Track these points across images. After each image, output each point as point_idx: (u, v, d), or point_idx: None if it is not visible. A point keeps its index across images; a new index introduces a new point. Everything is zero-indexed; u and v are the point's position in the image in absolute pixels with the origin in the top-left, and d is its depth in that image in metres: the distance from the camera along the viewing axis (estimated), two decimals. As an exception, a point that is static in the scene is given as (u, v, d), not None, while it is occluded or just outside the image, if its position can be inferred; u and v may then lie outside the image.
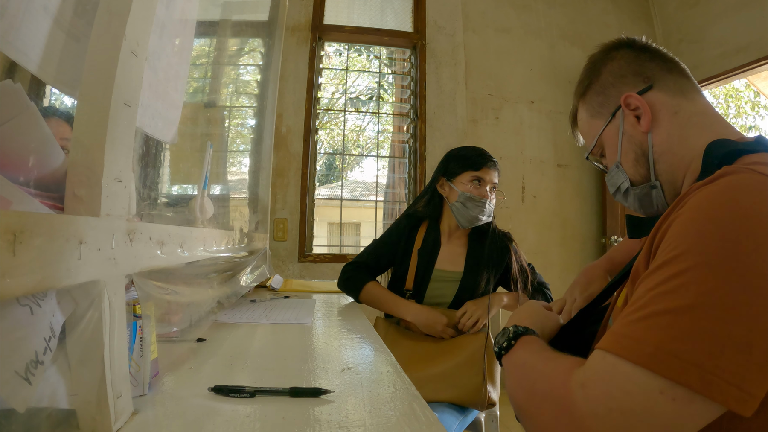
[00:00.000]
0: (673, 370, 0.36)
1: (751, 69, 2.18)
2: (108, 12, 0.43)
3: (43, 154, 0.44)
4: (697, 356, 0.36)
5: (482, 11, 2.60)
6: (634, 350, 0.39)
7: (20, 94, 0.41)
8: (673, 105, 0.58)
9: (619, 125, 0.61)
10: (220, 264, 0.96)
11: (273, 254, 2.19)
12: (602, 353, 0.41)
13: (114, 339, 0.42)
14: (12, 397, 0.31)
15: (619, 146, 0.61)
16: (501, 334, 0.60)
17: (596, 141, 0.65)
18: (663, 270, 0.42)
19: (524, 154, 2.57)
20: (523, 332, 0.58)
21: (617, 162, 0.63)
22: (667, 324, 0.38)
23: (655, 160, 0.59)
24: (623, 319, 0.42)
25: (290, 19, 2.28)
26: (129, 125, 0.45)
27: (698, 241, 0.40)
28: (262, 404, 0.52)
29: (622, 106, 0.60)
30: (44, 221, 0.33)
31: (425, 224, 1.38)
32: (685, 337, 0.37)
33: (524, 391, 0.49)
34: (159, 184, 0.82)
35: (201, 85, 1.23)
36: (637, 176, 0.61)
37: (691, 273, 0.39)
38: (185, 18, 0.80)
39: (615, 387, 0.39)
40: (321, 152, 2.54)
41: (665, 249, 0.43)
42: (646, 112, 0.58)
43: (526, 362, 0.53)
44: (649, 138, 0.58)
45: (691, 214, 0.43)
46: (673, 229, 0.44)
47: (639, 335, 0.39)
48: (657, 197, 0.60)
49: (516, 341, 0.57)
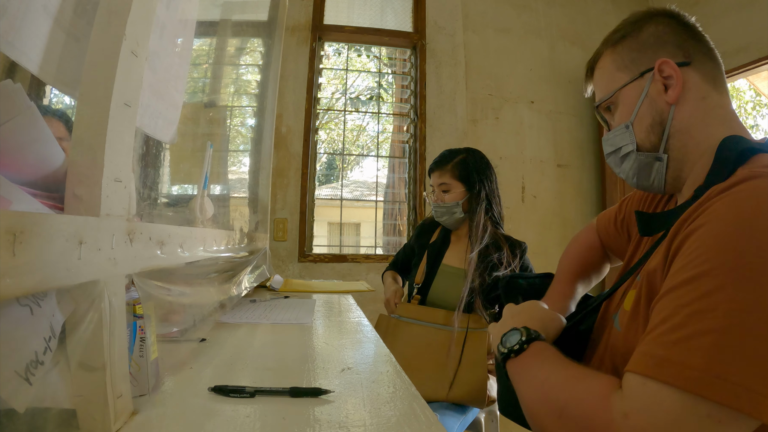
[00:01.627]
0: (723, 393, 0.36)
1: (751, 69, 2.18)
2: (108, 12, 0.42)
3: (43, 154, 0.44)
4: (746, 378, 0.35)
5: (482, 11, 2.60)
6: (679, 376, 0.37)
7: (20, 94, 0.41)
8: (704, 90, 0.57)
9: (645, 87, 0.59)
10: (220, 264, 0.96)
11: (273, 254, 2.19)
12: (642, 379, 0.40)
13: (114, 339, 0.42)
14: (12, 397, 0.31)
15: (637, 107, 0.59)
16: (511, 334, 0.58)
17: (613, 94, 0.62)
18: (695, 285, 0.40)
19: (524, 154, 2.57)
20: (536, 337, 0.56)
21: (629, 122, 0.60)
22: (710, 345, 0.37)
23: (671, 134, 0.57)
24: (657, 339, 0.41)
25: (290, 19, 2.28)
26: (129, 125, 0.45)
27: (733, 256, 0.39)
28: (262, 404, 0.52)
29: (654, 69, 0.58)
30: (44, 221, 0.33)
31: (440, 226, 1.48)
32: (730, 358, 0.36)
33: (551, 412, 0.47)
34: (159, 184, 0.82)
35: (201, 85, 1.23)
36: (647, 143, 0.59)
37: (730, 290, 0.38)
38: (185, 18, 0.80)
39: (662, 417, 0.37)
40: (321, 152, 2.54)
41: (693, 260, 0.42)
42: (678, 84, 0.56)
43: (548, 378, 0.50)
44: (671, 110, 0.57)
45: (719, 226, 0.42)
46: (700, 239, 0.43)
47: (682, 359, 0.38)
48: (658, 171, 0.59)
49: (528, 346, 0.55)
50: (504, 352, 0.56)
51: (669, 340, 0.40)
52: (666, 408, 0.37)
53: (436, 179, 1.40)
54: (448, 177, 1.38)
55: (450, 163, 1.39)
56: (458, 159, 1.39)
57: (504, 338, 0.58)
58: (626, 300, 0.57)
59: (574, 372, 0.49)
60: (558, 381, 0.49)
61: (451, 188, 1.38)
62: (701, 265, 0.41)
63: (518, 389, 0.54)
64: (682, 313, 0.40)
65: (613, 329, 0.59)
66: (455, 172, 1.38)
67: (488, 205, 1.39)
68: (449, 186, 1.38)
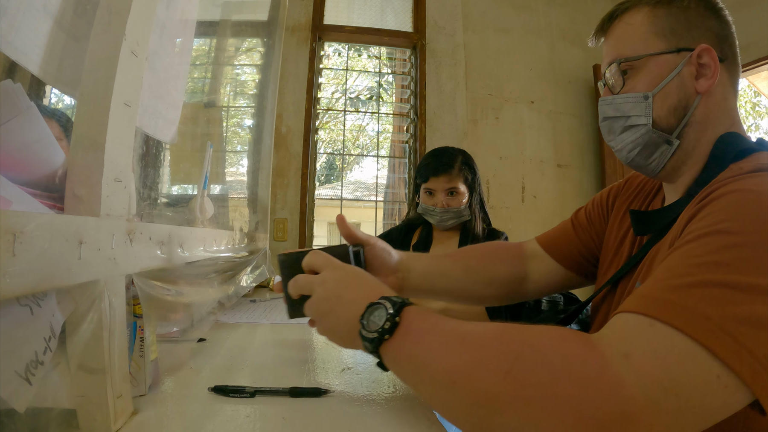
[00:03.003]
0: (734, 355, 0.31)
1: (751, 69, 2.18)
2: (108, 12, 0.43)
3: (43, 154, 0.44)
4: (757, 345, 0.32)
5: (482, 11, 2.60)
6: (693, 323, 0.32)
7: (20, 94, 0.41)
8: (726, 91, 0.56)
9: (679, 65, 0.54)
10: (220, 264, 0.96)
11: (273, 254, 2.19)
12: (649, 320, 0.34)
13: (114, 339, 0.42)
14: (12, 397, 0.31)
15: (665, 82, 0.54)
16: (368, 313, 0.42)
17: (642, 58, 0.56)
18: (710, 239, 0.37)
19: (524, 154, 2.57)
20: (404, 302, 0.42)
21: (650, 93, 0.55)
22: (726, 299, 0.33)
23: (689, 122, 0.54)
24: (664, 284, 0.36)
25: (290, 19, 2.28)
26: (129, 125, 0.45)
27: (756, 222, 0.36)
28: (262, 404, 0.52)
29: (695, 52, 0.54)
30: (44, 221, 0.33)
31: (420, 228, 1.45)
32: (745, 318, 0.32)
33: (493, 371, 0.34)
34: (159, 184, 0.82)
35: (201, 85, 1.23)
36: (664, 122, 0.55)
37: (751, 249, 0.35)
38: (185, 18, 0.80)
39: (674, 364, 0.32)
40: (321, 152, 2.53)
41: (707, 224, 0.39)
42: (713, 76, 0.53)
43: (472, 332, 0.37)
44: (697, 99, 0.54)
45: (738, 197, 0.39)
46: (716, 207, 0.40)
47: (694, 305, 0.33)
48: (662, 154, 0.56)
49: (401, 315, 0.41)
50: (373, 336, 0.40)
51: (678, 284, 0.35)
52: (678, 356, 0.32)
53: (442, 184, 1.30)
54: (458, 182, 1.31)
55: (455, 166, 1.32)
56: (460, 161, 1.34)
57: (364, 320, 0.42)
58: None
59: (505, 324, 0.37)
60: (491, 332, 0.37)
61: (459, 192, 1.32)
62: (718, 224, 0.38)
63: (418, 369, 0.38)
64: (692, 262, 0.36)
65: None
66: (461, 176, 1.32)
67: (481, 203, 1.38)
68: (458, 190, 1.31)
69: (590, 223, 0.74)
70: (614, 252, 0.66)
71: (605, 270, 0.67)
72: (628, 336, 0.34)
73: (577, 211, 0.79)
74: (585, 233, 0.74)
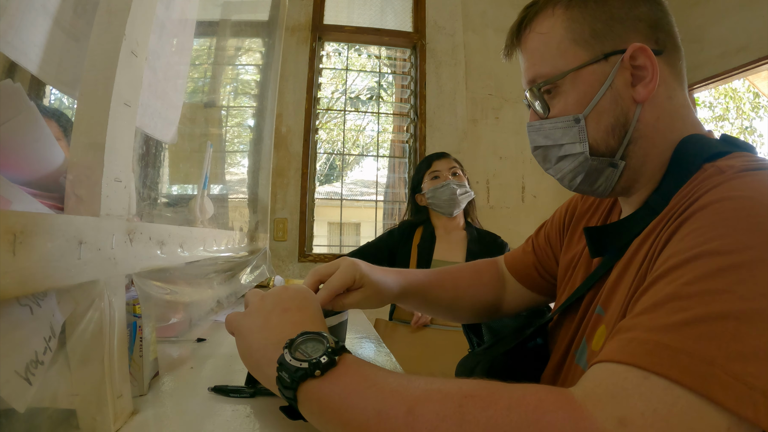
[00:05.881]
0: (744, 402, 0.27)
1: (751, 69, 2.18)
2: (108, 12, 0.43)
3: (43, 154, 0.44)
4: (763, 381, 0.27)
5: (482, 11, 2.60)
6: (693, 372, 0.28)
7: (20, 94, 0.41)
8: (671, 88, 0.47)
9: (609, 75, 0.45)
10: (220, 264, 0.96)
11: (273, 254, 2.19)
12: (641, 372, 0.29)
13: (114, 339, 0.42)
14: (12, 397, 0.31)
15: (595, 99, 0.46)
16: (304, 341, 0.37)
17: (563, 76, 0.47)
18: (700, 262, 0.31)
19: (524, 154, 2.57)
20: (343, 348, 0.37)
21: (581, 115, 0.46)
22: (727, 334, 0.28)
23: (632, 139, 0.46)
24: (650, 323, 0.31)
25: (290, 19, 2.28)
26: (129, 125, 0.45)
27: (749, 235, 0.31)
28: (262, 404, 0.52)
29: (626, 55, 0.45)
30: (44, 221, 0.33)
31: (420, 227, 1.50)
32: (752, 354, 0.28)
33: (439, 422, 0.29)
34: (159, 184, 0.82)
35: (201, 85, 1.23)
36: (602, 146, 0.47)
37: (749, 269, 0.30)
38: (185, 18, 0.80)
39: (677, 425, 0.27)
40: (321, 152, 2.53)
41: (689, 245, 0.33)
42: (653, 79, 0.45)
43: (420, 386, 0.32)
44: (637, 109, 0.46)
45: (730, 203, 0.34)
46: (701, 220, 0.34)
47: (691, 348, 0.28)
48: (608, 178, 0.48)
49: (339, 359, 0.35)
50: (302, 367, 0.34)
51: (669, 323, 0.30)
52: (680, 413, 0.27)
53: (446, 165, 1.48)
54: (457, 167, 1.50)
55: (450, 157, 1.53)
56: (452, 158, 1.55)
57: (295, 347, 0.36)
58: (595, 338, 0.46)
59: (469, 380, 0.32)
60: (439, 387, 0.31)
61: (459, 174, 1.48)
62: (707, 243, 0.32)
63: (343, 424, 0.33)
64: (682, 294, 0.31)
65: (576, 367, 0.49)
66: (458, 165, 1.52)
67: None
68: (459, 171, 1.48)
69: (548, 243, 0.70)
70: (570, 274, 0.59)
71: (561, 293, 0.61)
72: (620, 395, 0.28)
73: (538, 229, 0.75)
74: (543, 253, 0.70)
